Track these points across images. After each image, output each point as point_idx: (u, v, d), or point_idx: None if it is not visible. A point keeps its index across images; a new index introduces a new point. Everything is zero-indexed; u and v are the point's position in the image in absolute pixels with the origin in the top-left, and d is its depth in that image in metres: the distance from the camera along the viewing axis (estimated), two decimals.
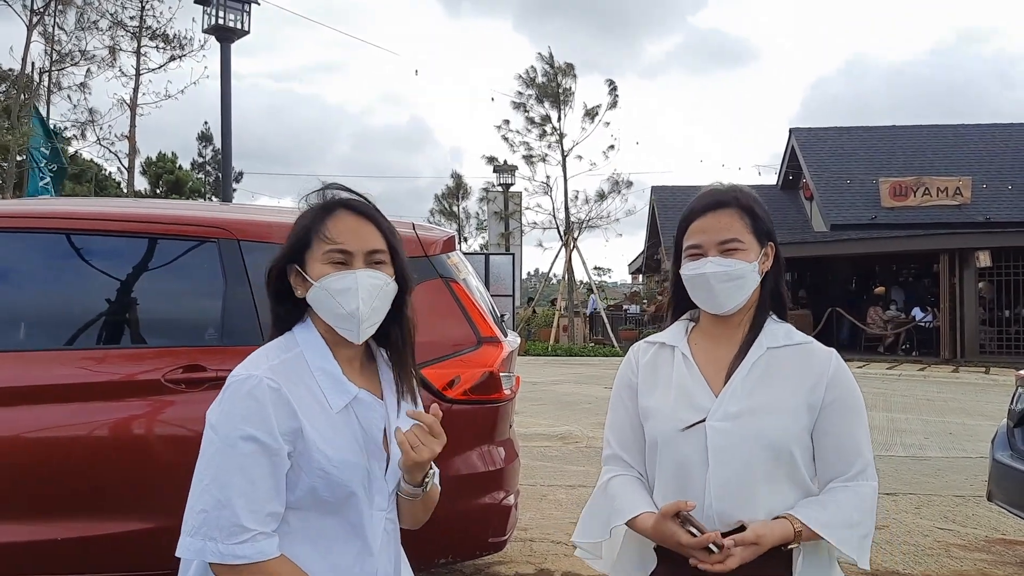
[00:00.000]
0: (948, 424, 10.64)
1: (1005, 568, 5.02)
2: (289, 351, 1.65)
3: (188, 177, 41.79)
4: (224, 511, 1.51)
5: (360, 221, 1.69)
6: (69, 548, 3.21)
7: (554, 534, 5.55)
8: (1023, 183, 25.07)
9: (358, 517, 1.66)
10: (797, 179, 28.63)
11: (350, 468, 1.63)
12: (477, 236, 38.41)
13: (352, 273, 1.65)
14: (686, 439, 1.82)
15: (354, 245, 1.66)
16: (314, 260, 1.66)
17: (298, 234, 1.69)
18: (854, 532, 1.78)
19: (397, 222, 3.96)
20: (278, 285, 1.71)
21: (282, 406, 1.56)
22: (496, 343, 3.64)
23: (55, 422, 3.26)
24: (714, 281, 1.83)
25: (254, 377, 1.57)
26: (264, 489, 1.54)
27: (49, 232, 3.57)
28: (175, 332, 3.52)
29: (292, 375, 1.61)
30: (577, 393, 13.90)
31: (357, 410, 1.68)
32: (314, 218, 1.69)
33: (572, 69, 25.92)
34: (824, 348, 1.89)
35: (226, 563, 1.51)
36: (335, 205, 1.70)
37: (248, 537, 1.52)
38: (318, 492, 1.60)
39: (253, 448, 1.53)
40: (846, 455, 1.82)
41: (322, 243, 1.66)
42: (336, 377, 1.67)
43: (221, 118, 10.64)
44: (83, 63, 21.61)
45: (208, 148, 44.33)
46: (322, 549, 1.62)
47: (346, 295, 1.63)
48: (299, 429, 1.58)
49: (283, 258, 1.70)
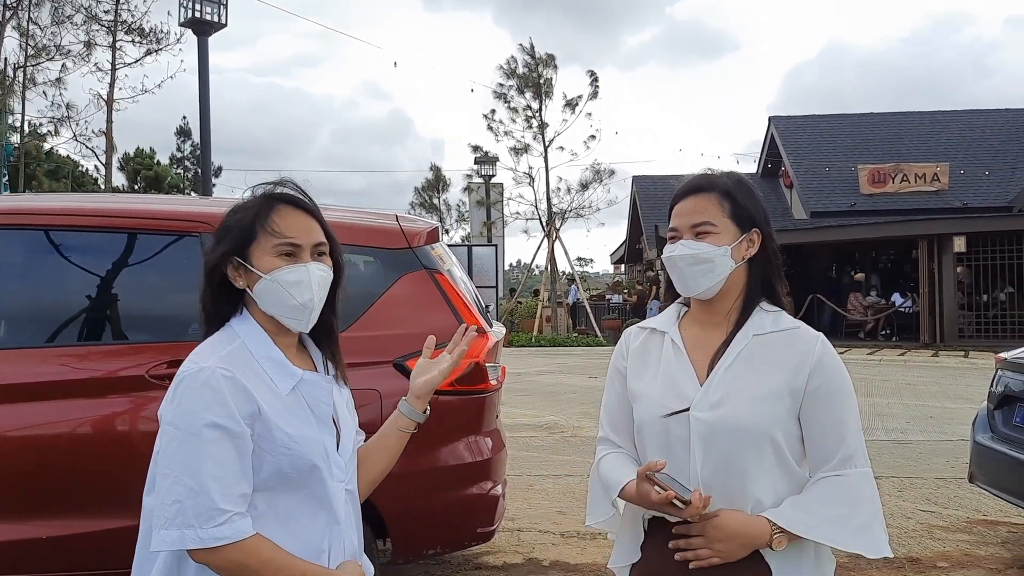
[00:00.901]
0: (929, 408, 10.75)
1: (987, 548, 5.09)
2: (232, 343, 1.69)
3: (167, 172, 41.45)
4: (199, 497, 1.54)
5: (303, 216, 1.74)
6: (54, 546, 3.19)
7: (541, 523, 5.57)
8: (1000, 168, 25.34)
9: (323, 489, 1.70)
10: (777, 167, 28.76)
11: (309, 442, 1.68)
12: (458, 228, 38.41)
13: (304, 266, 1.70)
14: (671, 426, 1.83)
15: (303, 239, 1.71)
16: (262, 253, 1.70)
17: (241, 227, 1.72)
18: (843, 526, 1.76)
19: (380, 214, 3.97)
20: (216, 279, 1.74)
21: (238, 391, 1.60)
22: (481, 334, 3.64)
23: (39, 420, 3.24)
24: (681, 264, 1.85)
25: (207, 368, 1.60)
26: (233, 472, 1.58)
27: (28, 228, 3.53)
28: (158, 328, 3.50)
29: (240, 363, 1.65)
30: (561, 383, 13.94)
31: (304, 390, 1.73)
32: (259, 212, 1.72)
33: (553, 60, 25.93)
34: (811, 333, 1.88)
35: (207, 547, 1.54)
36: (278, 199, 1.74)
37: (225, 519, 1.55)
38: (283, 470, 1.64)
39: (217, 434, 1.57)
40: (831, 442, 1.80)
41: (270, 236, 1.70)
42: (281, 362, 1.72)
43: (199, 112, 10.56)
44: (58, 58, 21.36)
45: (187, 143, 43.97)
46: (291, 528, 1.66)
47: (299, 287, 1.69)
48: (257, 411, 1.62)
49: (226, 251, 1.72)
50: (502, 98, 25.96)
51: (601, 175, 25.75)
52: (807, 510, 1.76)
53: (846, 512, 1.77)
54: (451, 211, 39.88)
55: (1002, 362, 5.09)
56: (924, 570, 4.67)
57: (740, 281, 1.89)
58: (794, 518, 1.74)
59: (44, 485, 3.21)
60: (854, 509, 1.78)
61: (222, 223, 1.76)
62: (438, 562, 4.68)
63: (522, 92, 25.85)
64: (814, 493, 1.79)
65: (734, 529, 1.74)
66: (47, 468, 3.20)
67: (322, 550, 1.70)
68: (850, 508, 1.77)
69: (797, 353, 1.83)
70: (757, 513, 1.77)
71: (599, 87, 25.85)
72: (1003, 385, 4.99)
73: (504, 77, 25.95)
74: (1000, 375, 5.06)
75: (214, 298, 1.75)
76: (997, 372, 5.12)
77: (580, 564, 4.73)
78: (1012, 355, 5.06)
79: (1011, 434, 4.78)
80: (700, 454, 1.79)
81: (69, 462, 3.20)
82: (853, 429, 1.83)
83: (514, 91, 25.91)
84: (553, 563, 4.77)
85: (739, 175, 1.97)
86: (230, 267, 1.72)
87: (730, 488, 1.78)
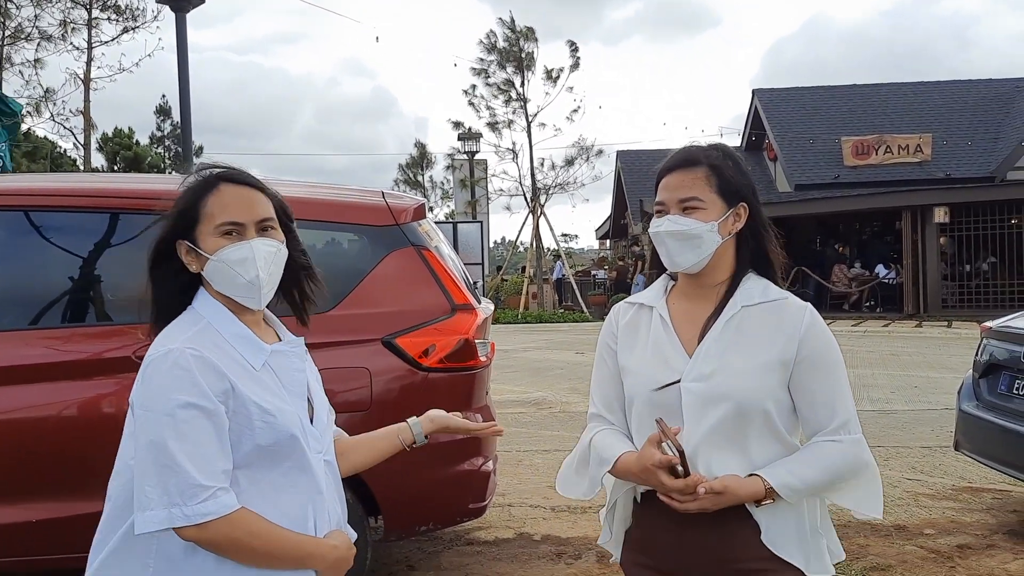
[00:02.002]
0: (913, 378, 10.85)
1: (972, 515, 5.15)
2: (197, 323, 1.68)
3: (146, 152, 40.98)
4: (179, 476, 1.53)
5: (245, 191, 1.73)
6: (44, 529, 3.17)
7: (532, 498, 5.60)
8: (982, 139, 25.44)
9: (303, 459, 1.70)
10: (761, 140, 28.77)
11: (286, 414, 1.68)
12: (443, 205, 38.25)
13: (247, 243, 1.69)
14: (661, 398, 1.83)
15: (244, 216, 1.70)
16: (206, 235, 1.69)
17: (184, 210, 1.71)
18: (831, 486, 1.79)
19: (366, 191, 3.93)
20: (165, 265, 1.73)
21: (208, 370, 1.59)
22: (470, 310, 3.63)
23: (26, 403, 3.21)
24: (668, 239, 1.85)
25: (175, 350, 1.59)
26: (211, 449, 1.57)
27: (9, 209, 3.48)
28: (144, 308, 3.46)
29: (208, 343, 1.64)
30: (549, 359, 13.97)
31: (274, 363, 1.73)
32: (198, 193, 1.71)
33: (533, 33, 25.69)
34: (799, 303, 1.87)
35: (194, 523, 1.54)
36: (217, 179, 1.73)
37: (209, 495, 1.55)
38: (262, 444, 1.64)
39: (192, 414, 1.56)
40: (821, 411, 1.82)
41: (212, 217, 1.69)
42: (249, 338, 1.71)
43: (179, 91, 10.40)
44: (35, 37, 21.00)
45: (166, 122, 43.46)
46: (274, 501, 1.66)
47: (244, 264, 1.68)
48: (230, 388, 1.61)
49: (170, 235, 1.71)
50: (482, 74, 25.77)
51: (587, 151, 25.67)
52: (795, 471, 1.77)
53: (832, 478, 1.80)
54: (436, 188, 39.72)
55: (987, 331, 5.13)
56: (911, 537, 4.72)
57: (727, 254, 1.89)
58: (783, 478, 1.76)
59: (32, 468, 3.19)
60: (845, 471, 1.81)
61: (170, 210, 1.74)
62: (430, 538, 4.70)
63: (503, 67, 25.66)
64: (805, 456, 1.81)
65: (733, 491, 1.74)
66: (34, 451, 3.18)
67: (307, 520, 1.70)
68: (838, 474, 1.80)
69: (785, 324, 1.83)
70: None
71: (580, 58, 25.68)
72: (988, 354, 5.03)
73: (485, 52, 25.76)
74: (985, 344, 5.10)
75: (164, 279, 1.73)
76: (982, 341, 5.16)
77: (571, 538, 4.75)
78: (998, 324, 5.10)
79: (996, 402, 4.83)
80: (689, 424, 1.79)
81: (57, 444, 3.18)
82: (844, 397, 1.85)
83: (495, 66, 25.73)
84: (544, 537, 4.79)
85: (726, 148, 1.96)
86: (183, 250, 1.71)
87: (720, 458, 1.79)
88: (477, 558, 4.49)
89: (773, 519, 1.79)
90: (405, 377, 3.44)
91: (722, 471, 1.77)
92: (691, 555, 1.83)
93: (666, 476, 1.72)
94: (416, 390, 3.47)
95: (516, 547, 4.64)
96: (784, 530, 1.80)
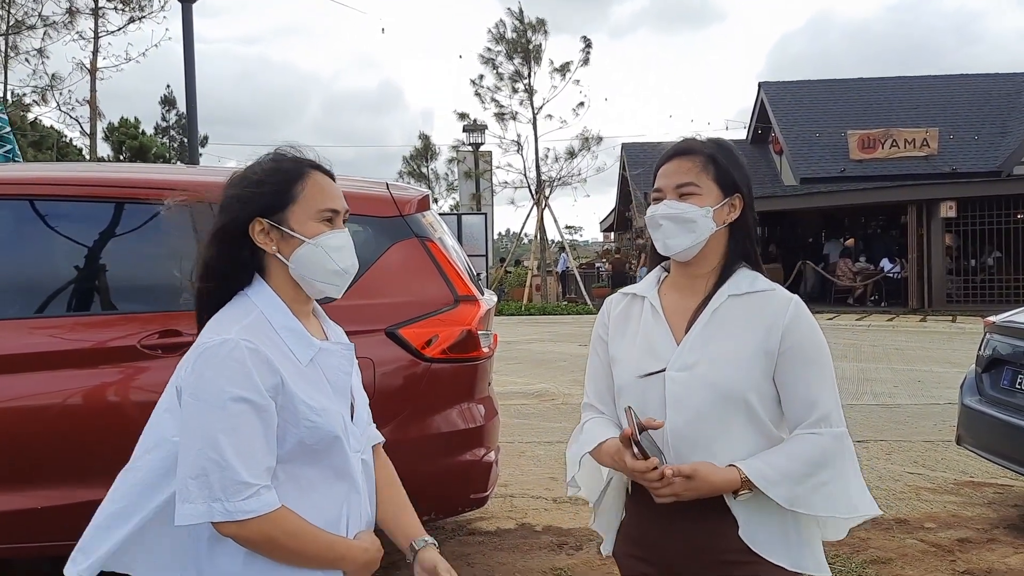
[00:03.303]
0: (916, 372, 10.84)
1: (974, 509, 5.16)
2: (250, 313, 1.66)
3: (152, 142, 41.01)
4: (225, 471, 1.52)
5: (333, 184, 1.74)
6: (50, 516, 3.19)
7: (533, 489, 5.62)
8: (989, 133, 25.34)
9: (343, 460, 1.70)
10: (766, 133, 28.69)
11: (330, 414, 1.67)
12: (447, 197, 38.23)
13: (344, 232, 1.72)
14: (646, 387, 1.85)
15: (340, 205, 1.72)
16: (303, 217, 1.68)
17: (277, 189, 1.68)
18: (803, 483, 1.76)
19: (370, 183, 3.94)
20: (229, 245, 1.69)
21: (262, 364, 1.58)
22: (473, 301, 3.64)
23: (32, 391, 3.23)
24: (663, 222, 1.87)
25: (230, 341, 1.57)
26: (259, 446, 1.56)
27: (16, 198, 3.49)
28: (150, 297, 3.48)
29: (261, 335, 1.63)
30: (552, 351, 13.98)
31: (321, 361, 1.72)
32: (292, 176, 1.69)
33: (543, 25, 25.63)
34: (785, 295, 1.88)
35: (235, 520, 1.53)
36: (311, 166, 1.72)
37: (252, 492, 1.54)
38: (305, 441, 1.63)
39: (243, 408, 1.55)
40: (803, 403, 1.81)
41: (312, 201, 1.68)
42: (300, 332, 1.69)
43: (185, 81, 10.40)
44: (40, 27, 20.99)
45: (172, 112, 43.53)
46: (311, 497, 1.66)
47: (342, 252, 1.70)
48: (280, 383, 1.60)
49: (252, 212, 1.67)
50: (490, 63, 25.72)
51: (590, 143, 25.64)
52: (771, 463, 1.77)
53: (807, 472, 1.77)
54: (440, 180, 39.70)
55: (991, 326, 5.13)
56: (912, 531, 4.73)
57: (720, 245, 1.90)
58: (758, 468, 1.76)
59: (38, 456, 3.21)
60: (817, 468, 1.78)
61: (244, 188, 1.70)
62: (432, 528, 4.70)
63: (511, 58, 25.62)
64: (783, 448, 1.81)
65: (703, 477, 1.74)
66: (41, 439, 3.20)
67: (340, 518, 1.70)
68: (814, 467, 1.78)
69: (770, 314, 1.84)
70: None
71: (591, 53, 25.64)
72: (991, 348, 5.03)
73: (493, 42, 25.70)
74: (989, 339, 5.11)
75: (231, 259, 1.69)
76: (986, 336, 5.17)
77: (572, 529, 4.77)
78: (1001, 319, 5.10)
79: (999, 397, 4.83)
80: (673, 414, 1.81)
81: (63, 432, 3.20)
82: (827, 389, 1.83)
83: (503, 56, 25.68)
84: (545, 528, 4.82)
85: (723, 140, 1.98)
86: (257, 228, 1.68)
87: (702, 448, 1.80)
88: (479, 548, 4.51)
89: (752, 514, 1.80)
90: (408, 368, 3.45)
91: (702, 460, 1.78)
92: (675, 546, 1.86)
93: (629, 456, 1.73)
94: (419, 380, 3.48)
95: (517, 537, 4.66)
96: (764, 525, 1.80)
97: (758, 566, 1.80)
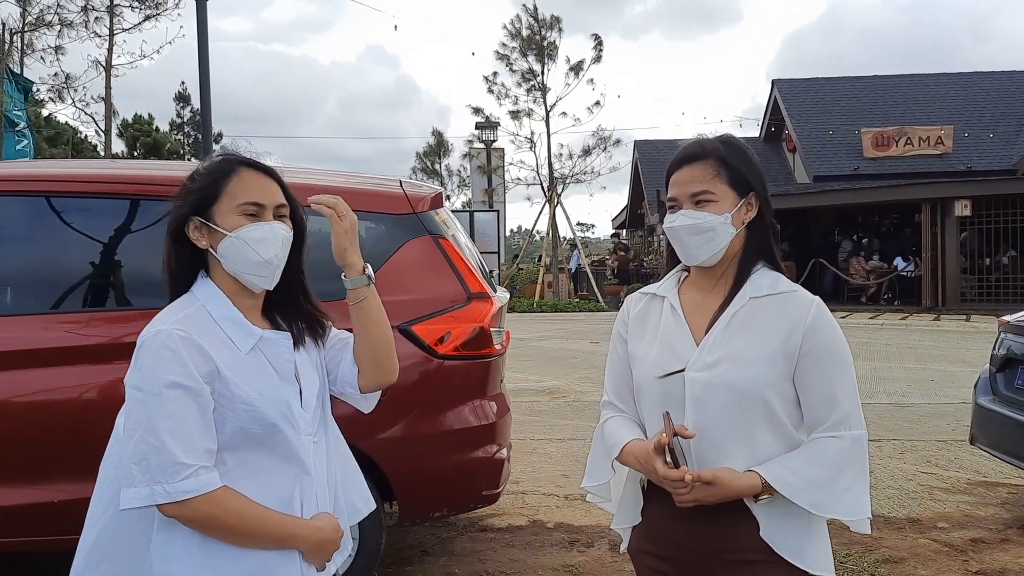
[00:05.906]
0: (930, 371, 10.79)
1: (987, 509, 5.13)
2: (191, 306, 1.74)
3: (166, 139, 41.23)
4: (161, 454, 1.59)
5: (264, 178, 1.79)
6: (67, 509, 3.22)
7: (545, 486, 5.63)
8: (1005, 131, 25.14)
9: (287, 445, 1.75)
10: (780, 131, 28.56)
11: (270, 401, 1.72)
12: (459, 193, 38.27)
13: (268, 224, 1.75)
14: (666, 386, 1.85)
15: (265, 199, 1.76)
16: (226, 213, 1.74)
17: (204, 188, 1.76)
18: (825, 489, 1.76)
19: (384, 180, 3.96)
20: (179, 244, 1.78)
21: (195, 351, 1.65)
22: (486, 298, 3.65)
23: (48, 386, 3.26)
24: (683, 234, 1.86)
25: (163, 331, 1.65)
26: (195, 428, 1.63)
27: (32, 195, 3.52)
28: (164, 293, 3.50)
29: (198, 325, 1.70)
30: (564, 348, 13.98)
31: (264, 349, 1.77)
32: (220, 174, 1.77)
33: (559, 22, 25.60)
34: (807, 296, 1.87)
35: (175, 500, 1.59)
36: (240, 163, 1.79)
37: (190, 472, 1.60)
38: (246, 427, 1.69)
39: (177, 393, 1.61)
40: (822, 405, 1.81)
41: (234, 196, 1.75)
42: (240, 322, 1.76)
43: (199, 77, 10.46)
44: (56, 24, 21.08)
45: (186, 109, 43.74)
46: (261, 480, 1.72)
47: (264, 244, 1.74)
48: (215, 370, 1.66)
49: (187, 213, 1.76)
50: (504, 60, 25.71)
51: (605, 141, 25.58)
52: (794, 468, 1.76)
53: (830, 476, 1.77)
54: (452, 177, 39.73)
55: (1005, 325, 5.10)
56: (924, 530, 4.72)
57: (738, 245, 1.90)
58: (781, 475, 1.76)
59: (55, 450, 3.24)
60: (839, 474, 1.78)
61: (183, 186, 1.80)
62: (444, 524, 4.74)
63: (525, 55, 25.61)
64: (804, 453, 1.80)
65: (724, 484, 1.74)
66: (58, 434, 3.23)
67: (293, 500, 1.75)
68: (833, 473, 1.77)
69: (792, 316, 1.83)
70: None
71: (603, 51, 25.59)
72: (1006, 348, 5.00)
73: (508, 38, 25.69)
74: (1003, 338, 5.08)
75: (179, 257, 1.78)
76: (1000, 335, 5.14)
77: (584, 526, 4.78)
78: (1015, 318, 5.08)
79: (1013, 396, 4.81)
80: (691, 413, 1.80)
81: (79, 426, 3.22)
82: (848, 392, 1.82)
83: (517, 53, 25.67)
84: (557, 525, 4.82)
85: (733, 138, 1.96)
86: (192, 227, 1.76)
87: (718, 446, 1.80)
88: (490, 544, 4.52)
89: (773, 515, 1.80)
90: (421, 364, 3.46)
91: (725, 462, 1.78)
92: (691, 545, 1.86)
93: (660, 464, 1.74)
94: (431, 377, 3.50)
95: (529, 534, 4.67)
96: (786, 526, 1.80)
97: (773, 566, 1.80)
